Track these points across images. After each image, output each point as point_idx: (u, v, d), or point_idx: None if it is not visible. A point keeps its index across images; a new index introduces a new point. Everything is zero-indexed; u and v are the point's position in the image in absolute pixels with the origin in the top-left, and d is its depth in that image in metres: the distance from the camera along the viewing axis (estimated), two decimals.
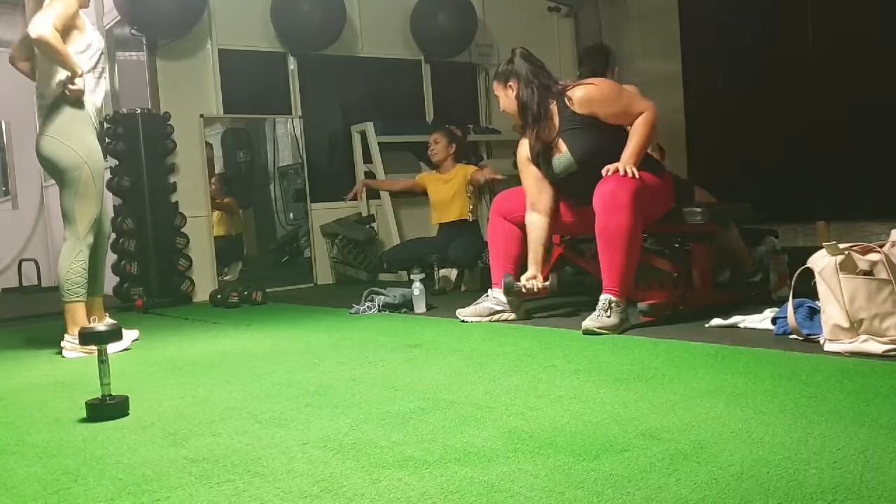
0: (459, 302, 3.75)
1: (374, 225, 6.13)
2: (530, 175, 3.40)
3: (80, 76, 3.24)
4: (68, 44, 3.21)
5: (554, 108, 3.26)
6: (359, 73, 6.42)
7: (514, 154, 3.51)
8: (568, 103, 3.21)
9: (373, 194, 6.26)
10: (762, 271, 3.64)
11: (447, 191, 5.18)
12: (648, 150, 3.29)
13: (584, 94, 3.20)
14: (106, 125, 3.34)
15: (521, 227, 3.46)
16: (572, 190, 3.33)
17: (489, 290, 3.50)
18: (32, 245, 7.91)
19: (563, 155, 3.27)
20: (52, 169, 3.34)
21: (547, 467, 1.43)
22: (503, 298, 3.43)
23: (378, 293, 4.10)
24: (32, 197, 7.97)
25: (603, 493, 1.29)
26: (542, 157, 3.33)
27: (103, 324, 2.17)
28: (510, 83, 3.30)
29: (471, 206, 5.07)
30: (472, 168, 5.20)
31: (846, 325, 2.23)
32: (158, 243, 5.27)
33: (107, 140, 4.03)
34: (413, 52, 6.58)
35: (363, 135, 6.28)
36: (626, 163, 3.05)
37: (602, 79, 3.55)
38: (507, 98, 3.33)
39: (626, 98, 3.24)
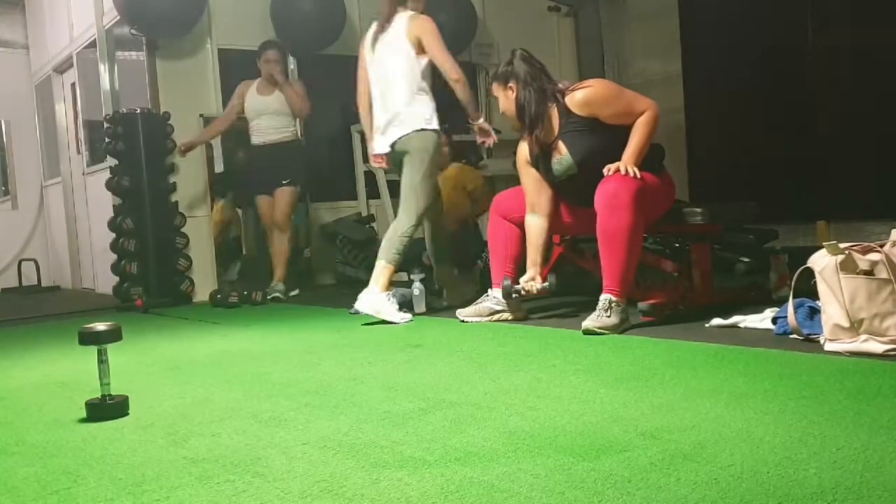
0: (459, 302, 3.75)
1: (373, 225, 6.12)
2: (530, 177, 3.39)
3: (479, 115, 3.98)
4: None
5: (553, 110, 3.24)
6: None
7: (514, 154, 3.50)
8: (568, 106, 3.20)
9: (372, 194, 6.26)
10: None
11: (443, 194, 5.16)
12: None
13: (584, 97, 3.18)
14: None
15: (521, 226, 3.45)
16: (572, 192, 3.32)
17: (489, 290, 3.50)
18: (32, 245, 7.90)
19: (563, 157, 3.25)
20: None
21: (547, 467, 1.43)
22: (503, 298, 3.42)
23: None
24: (32, 197, 7.96)
25: (603, 493, 1.29)
26: (541, 160, 3.32)
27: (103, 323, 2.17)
28: (510, 84, 3.28)
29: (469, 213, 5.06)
30: (466, 171, 5.14)
31: (846, 324, 2.22)
32: (158, 243, 5.26)
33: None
34: None
35: (363, 135, 6.27)
36: (627, 162, 3.04)
37: (601, 80, 3.53)
38: (506, 99, 3.30)
39: (627, 97, 3.21)
